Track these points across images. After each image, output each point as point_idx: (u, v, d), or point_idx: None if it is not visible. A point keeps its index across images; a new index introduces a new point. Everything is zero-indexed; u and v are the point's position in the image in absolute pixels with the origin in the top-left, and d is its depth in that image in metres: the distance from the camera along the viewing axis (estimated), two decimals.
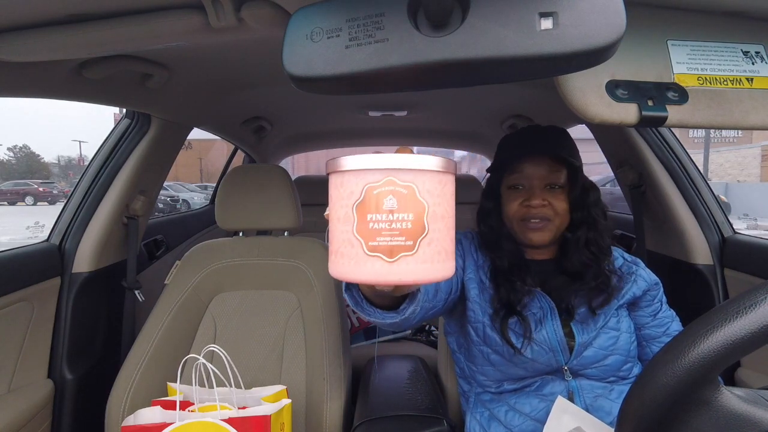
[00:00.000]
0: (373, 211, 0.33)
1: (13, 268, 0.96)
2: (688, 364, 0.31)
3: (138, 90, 0.95)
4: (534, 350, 0.75)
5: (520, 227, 0.80)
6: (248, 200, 1.12)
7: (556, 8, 0.35)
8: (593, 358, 0.75)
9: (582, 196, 0.80)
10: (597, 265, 0.78)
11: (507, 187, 0.82)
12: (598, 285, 0.77)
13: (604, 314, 0.77)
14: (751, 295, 0.32)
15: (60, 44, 0.58)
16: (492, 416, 0.78)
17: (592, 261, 0.78)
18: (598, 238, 0.79)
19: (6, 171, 36.59)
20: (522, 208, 0.79)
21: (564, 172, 0.79)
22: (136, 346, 0.97)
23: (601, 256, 0.78)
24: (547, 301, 0.77)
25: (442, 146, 2.59)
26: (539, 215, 0.77)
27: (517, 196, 0.80)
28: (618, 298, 0.78)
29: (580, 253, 0.78)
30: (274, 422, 0.76)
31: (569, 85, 0.47)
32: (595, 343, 0.76)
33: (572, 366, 0.76)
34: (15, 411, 0.90)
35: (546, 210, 0.78)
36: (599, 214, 0.80)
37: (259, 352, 1.03)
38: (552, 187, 0.78)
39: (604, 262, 0.78)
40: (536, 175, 0.78)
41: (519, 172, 0.80)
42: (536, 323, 0.77)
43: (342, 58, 0.37)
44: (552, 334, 0.76)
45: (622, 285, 0.79)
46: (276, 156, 2.36)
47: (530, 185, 0.79)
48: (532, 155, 0.79)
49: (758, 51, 0.51)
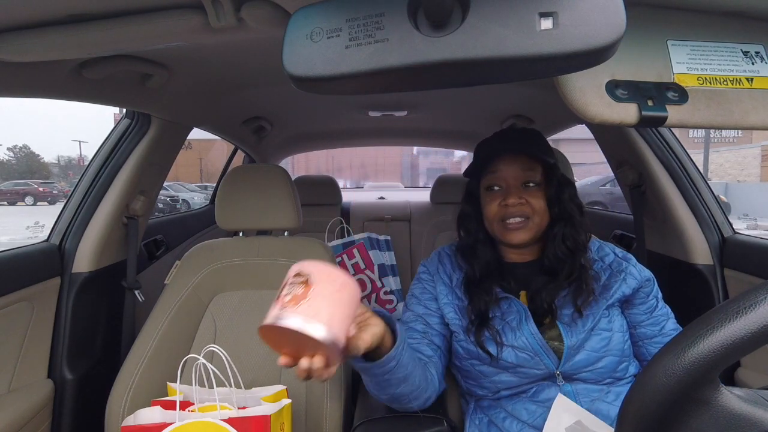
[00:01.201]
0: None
1: (13, 268, 0.96)
2: (687, 364, 0.31)
3: (138, 90, 0.95)
4: (519, 356, 0.75)
5: (500, 228, 0.80)
6: (248, 200, 1.12)
7: (556, 8, 0.35)
8: (586, 362, 0.74)
9: (558, 192, 0.80)
10: (572, 260, 0.78)
11: (485, 189, 0.83)
12: (573, 281, 0.77)
13: (593, 315, 0.76)
14: (750, 295, 0.32)
15: (60, 44, 0.58)
16: (491, 422, 0.78)
17: (567, 256, 0.78)
18: (573, 233, 0.79)
19: (6, 171, 36.59)
20: (501, 208, 0.79)
21: (539, 169, 0.80)
22: (136, 346, 0.97)
23: (576, 252, 0.78)
24: (519, 305, 0.78)
25: (442, 146, 2.59)
26: (517, 213, 0.78)
27: (495, 196, 0.80)
28: (607, 298, 0.77)
29: (556, 248, 0.78)
30: (274, 422, 0.76)
31: (569, 85, 0.47)
32: (587, 346, 0.75)
33: (564, 371, 0.75)
34: (15, 411, 0.90)
35: (524, 208, 0.78)
36: (574, 210, 0.80)
37: (259, 352, 1.03)
38: (528, 185, 0.79)
39: (579, 257, 0.78)
40: (511, 174, 0.79)
41: (494, 172, 0.81)
42: (513, 329, 0.76)
43: (342, 58, 0.37)
44: (531, 338, 0.75)
45: (611, 283, 0.79)
46: (276, 156, 2.36)
47: (507, 185, 0.80)
48: (506, 154, 0.80)
49: (758, 51, 0.51)
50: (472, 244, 0.84)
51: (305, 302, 0.49)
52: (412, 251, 2.08)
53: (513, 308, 0.78)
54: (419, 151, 22.99)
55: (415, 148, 20.40)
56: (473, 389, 0.82)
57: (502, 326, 0.77)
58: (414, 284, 0.90)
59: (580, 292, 0.76)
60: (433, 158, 23.49)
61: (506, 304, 0.79)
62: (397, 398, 0.71)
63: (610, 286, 0.78)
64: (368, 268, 1.87)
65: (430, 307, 0.85)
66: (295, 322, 0.48)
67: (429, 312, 0.84)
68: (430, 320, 0.83)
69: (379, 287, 1.86)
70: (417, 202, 2.25)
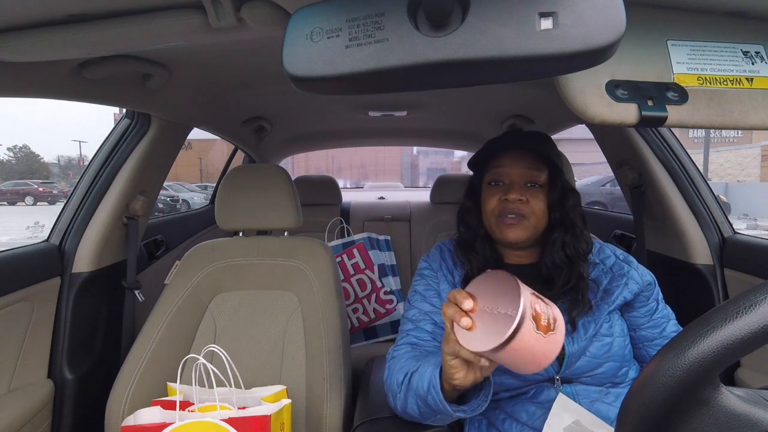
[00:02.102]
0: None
1: (13, 268, 0.96)
2: (687, 364, 0.31)
3: (138, 90, 0.95)
4: None
5: (497, 223, 0.79)
6: (248, 200, 1.12)
7: (556, 8, 0.35)
8: (586, 368, 0.74)
9: (561, 197, 0.79)
10: (569, 270, 0.76)
11: (487, 183, 0.82)
12: (569, 290, 0.76)
13: (595, 321, 0.75)
14: (750, 295, 0.32)
15: (60, 44, 0.58)
16: (490, 423, 0.78)
17: (565, 264, 0.77)
18: (574, 241, 0.77)
19: (6, 171, 36.59)
20: (500, 203, 0.79)
21: (545, 172, 0.79)
22: (136, 346, 0.97)
23: (576, 261, 0.77)
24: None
25: (442, 146, 2.59)
26: (515, 210, 0.77)
27: (497, 191, 0.80)
28: (609, 303, 0.77)
29: (554, 254, 0.77)
30: (274, 422, 0.76)
31: (569, 85, 0.47)
32: (588, 352, 0.74)
33: (565, 376, 0.75)
34: (15, 411, 0.90)
35: (522, 206, 0.77)
36: (577, 218, 0.79)
37: (259, 352, 1.03)
38: (531, 185, 0.79)
39: (578, 267, 0.76)
40: (516, 171, 0.79)
41: (500, 167, 0.80)
42: None
43: (342, 58, 0.37)
44: None
45: (612, 287, 0.78)
46: (276, 156, 2.36)
47: (510, 181, 0.79)
48: (513, 150, 0.80)
49: (758, 51, 0.51)
50: (471, 239, 0.84)
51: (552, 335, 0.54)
52: (412, 251, 2.08)
53: None
54: (419, 151, 23.02)
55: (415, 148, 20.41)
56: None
57: None
58: (416, 280, 0.89)
59: (576, 304, 0.75)
60: (433, 158, 23.51)
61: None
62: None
63: (611, 291, 0.78)
64: (368, 268, 1.87)
65: (435, 304, 0.84)
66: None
67: (435, 310, 0.83)
68: (438, 318, 0.82)
69: (379, 287, 1.86)
70: (417, 202, 2.25)
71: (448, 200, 2.08)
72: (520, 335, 0.51)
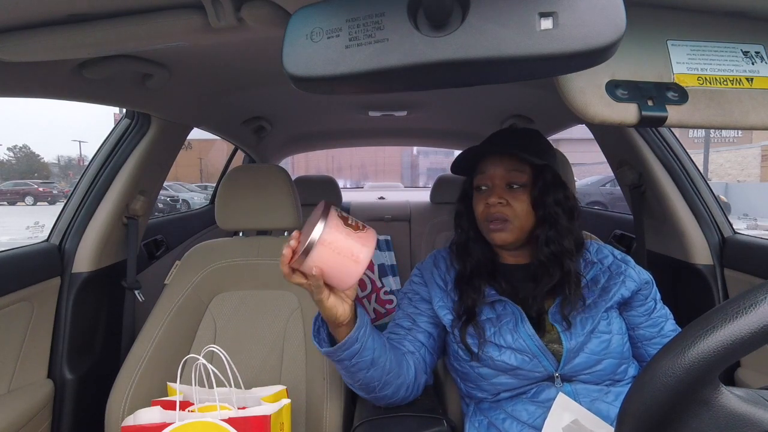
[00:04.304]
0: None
1: (13, 268, 0.96)
2: (687, 364, 0.31)
3: (138, 90, 0.95)
4: (518, 358, 0.75)
5: (485, 228, 0.81)
6: (248, 200, 1.12)
7: (556, 8, 0.35)
8: (585, 364, 0.74)
9: (542, 194, 0.79)
10: (554, 266, 0.76)
11: (475, 189, 0.84)
12: (558, 286, 0.76)
13: (592, 318, 0.76)
14: (751, 295, 0.32)
15: (60, 44, 0.58)
16: (491, 423, 0.78)
17: (551, 261, 0.76)
18: (557, 237, 0.77)
19: (6, 171, 36.59)
20: (485, 208, 0.80)
21: (527, 171, 0.79)
22: (136, 346, 0.97)
23: (562, 257, 0.76)
24: (513, 307, 0.78)
25: (442, 146, 2.59)
26: (497, 215, 0.78)
27: (482, 197, 0.81)
28: (606, 300, 0.77)
29: (539, 251, 0.77)
30: (273, 422, 0.76)
31: (569, 85, 0.47)
32: (587, 349, 0.74)
33: (564, 373, 0.75)
34: (15, 411, 0.90)
35: (504, 209, 0.78)
36: (559, 213, 0.78)
37: (259, 352, 1.03)
38: (512, 186, 0.79)
39: (564, 263, 0.76)
40: (496, 174, 0.80)
41: (482, 172, 0.82)
42: (511, 331, 0.76)
43: (342, 58, 0.37)
44: (528, 340, 0.75)
45: (610, 285, 0.78)
46: (276, 156, 2.36)
47: (492, 185, 0.80)
48: (492, 155, 0.81)
49: (758, 51, 0.51)
50: (465, 242, 0.85)
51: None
52: (412, 251, 2.08)
53: (508, 310, 0.78)
54: (419, 151, 23.00)
55: (415, 148, 20.40)
56: (473, 392, 0.82)
57: (498, 328, 0.77)
58: (406, 286, 0.92)
59: (567, 301, 0.75)
60: (433, 158, 23.49)
61: (501, 306, 0.79)
62: (367, 384, 0.74)
63: (609, 289, 0.78)
64: (368, 267, 1.87)
65: (419, 307, 0.86)
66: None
67: (418, 311, 0.85)
68: (418, 319, 0.84)
69: (379, 287, 1.86)
70: (417, 202, 2.25)
71: (448, 200, 2.08)
72: (327, 229, 0.59)
